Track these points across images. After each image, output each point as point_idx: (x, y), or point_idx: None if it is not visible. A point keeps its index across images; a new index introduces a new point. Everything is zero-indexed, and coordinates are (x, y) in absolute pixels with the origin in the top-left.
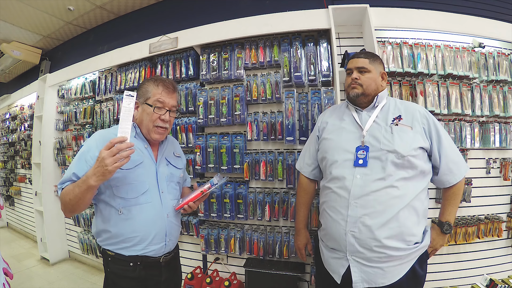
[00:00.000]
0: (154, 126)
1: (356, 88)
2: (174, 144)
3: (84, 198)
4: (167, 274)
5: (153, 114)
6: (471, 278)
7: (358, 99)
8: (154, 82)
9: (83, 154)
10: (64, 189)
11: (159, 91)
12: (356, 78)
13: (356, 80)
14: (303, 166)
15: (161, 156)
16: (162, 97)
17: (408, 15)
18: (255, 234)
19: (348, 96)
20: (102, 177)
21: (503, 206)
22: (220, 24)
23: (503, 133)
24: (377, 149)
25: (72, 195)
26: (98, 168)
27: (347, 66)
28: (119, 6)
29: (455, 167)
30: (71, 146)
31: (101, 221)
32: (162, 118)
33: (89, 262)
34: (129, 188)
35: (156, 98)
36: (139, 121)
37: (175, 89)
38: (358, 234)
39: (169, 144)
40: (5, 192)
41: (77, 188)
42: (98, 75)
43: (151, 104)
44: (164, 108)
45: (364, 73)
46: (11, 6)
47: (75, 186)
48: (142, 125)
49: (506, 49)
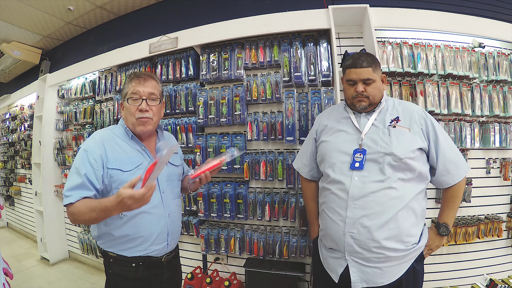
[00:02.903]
0: (136, 118)
1: (363, 101)
2: (170, 140)
3: (101, 219)
4: (169, 273)
5: (131, 107)
6: (471, 278)
7: (365, 110)
8: (128, 78)
9: (86, 156)
10: (79, 207)
11: (132, 84)
12: (363, 90)
13: (363, 93)
14: (301, 166)
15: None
16: (136, 88)
17: (408, 15)
18: (255, 234)
19: (352, 106)
20: (125, 210)
21: (503, 206)
22: (220, 24)
23: (503, 133)
24: (374, 151)
25: (87, 216)
26: (121, 204)
27: (348, 75)
28: (119, 6)
29: (453, 167)
30: (71, 146)
31: (102, 225)
32: (140, 108)
33: (89, 262)
34: None
35: (130, 91)
36: (125, 122)
37: (149, 77)
38: (356, 235)
39: (166, 141)
40: (5, 192)
41: (94, 213)
42: (98, 75)
43: (128, 97)
44: (140, 98)
45: (370, 84)
46: (11, 6)
47: (91, 210)
48: (128, 122)
49: (506, 49)
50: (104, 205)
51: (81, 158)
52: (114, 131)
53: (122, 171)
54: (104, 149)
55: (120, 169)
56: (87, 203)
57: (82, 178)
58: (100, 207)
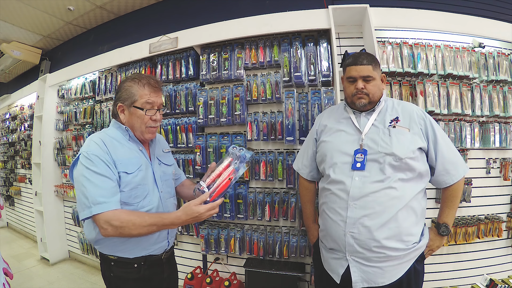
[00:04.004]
0: (147, 127)
1: (363, 98)
2: (161, 141)
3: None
4: (168, 270)
5: (144, 117)
6: (471, 278)
7: (365, 107)
8: (139, 82)
9: (100, 159)
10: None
11: (146, 92)
12: (363, 87)
13: (363, 90)
14: (301, 167)
15: (153, 156)
16: (150, 98)
17: (408, 15)
18: (255, 234)
19: (352, 104)
20: (193, 221)
21: (503, 206)
22: (220, 24)
23: (503, 133)
24: (375, 151)
25: (144, 230)
26: (191, 219)
27: (349, 73)
28: (119, 6)
29: (452, 167)
30: (71, 146)
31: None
32: (153, 118)
33: (89, 262)
34: (133, 193)
35: (144, 100)
36: (129, 125)
37: (160, 87)
38: (357, 235)
39: (157, 143)
40: (5, 192)
41: (155, 227)
42: (98, 75)
43: (141, 106)
44: (153, 108)
45: (369, 81)
46: (11, 6)
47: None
48: (134, 128)
49: (506, 49)
50: (170, 221)
51: (97, 163)
52: (109, 134)
53: (127, 173)
54: (109, 152)
55: (125, 172)
56: (139, 215)
57: (113, 181)
58: (163, 222)
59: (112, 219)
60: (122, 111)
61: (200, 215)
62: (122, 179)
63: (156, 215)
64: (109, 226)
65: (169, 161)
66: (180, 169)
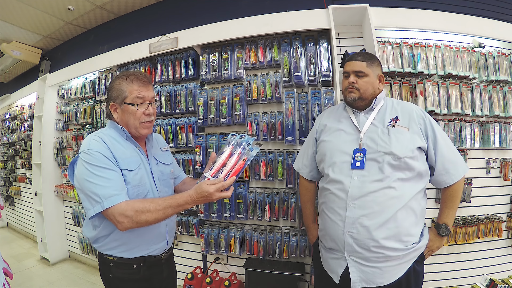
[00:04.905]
0: (140, 122)
1: (353, 92)
2: (158, 140)
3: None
4: (167, 270)
5: (136, 112)
6: (471, 278)
7: (355, 103)
8: (127, 79)
9: (103, 156)
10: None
11: (135, 87)
12: (353, 82)
13: (353, 84)
14: (301, 167)
15: (150, 156)
16: (141, 92)
17: (408, 15)
18: (255, 234)
19: (345, 99)
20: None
21: (503, 206)
22: (220, 24)
23: (503, 133)
24: (374, 151)
25: (160, 214)
26: (202, 198)
27: (344, 68)
28: (119, 6)
29: (451, 167)
30: (71, 146)
31: (102, 227)
32: (146, 113)
33: (89, 262)
34: (135, 190)
35: (134, 95)
36: (124, 123)
37: (149, 81)
38: (356, 235)
39: (155, 142)
40: (5, 192)
41: (171, 210)
42: (98, 75)
43: (131, 102)
44: (145, 102)
45: (362, 77)
46: (11, 6)
47: (166, 207)
48: (129, 125)
49: (506, 49)
50: (184, 200)
51: (101, 158)
52: (107, 133)
53: (129, 170)
54: (110, 150)
55: (127, 169)
56: (152, 201)
57: (119, 174)
58: (177, 202)
59: (126, 209)
60: (115, 110)
61: (210, 194)
62: (124, 177)
63: (168, 197)
64: (125, 218)
65: (167, 160)
66: (180, 168)
